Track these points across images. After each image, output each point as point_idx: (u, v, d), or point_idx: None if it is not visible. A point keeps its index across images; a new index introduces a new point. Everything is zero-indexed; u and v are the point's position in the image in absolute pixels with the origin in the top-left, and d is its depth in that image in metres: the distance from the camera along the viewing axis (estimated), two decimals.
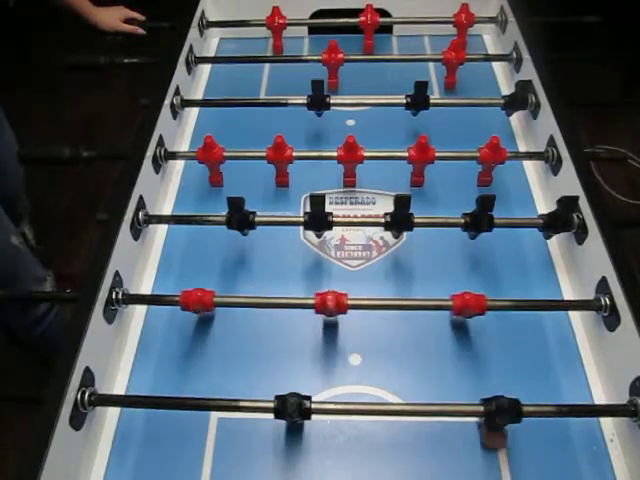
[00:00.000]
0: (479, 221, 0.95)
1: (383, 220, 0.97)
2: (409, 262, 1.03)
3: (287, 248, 1.05)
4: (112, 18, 1.51)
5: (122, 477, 0.79)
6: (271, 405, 0.76)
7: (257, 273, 1.02)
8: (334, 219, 0.97)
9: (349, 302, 0.87)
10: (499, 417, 0.76)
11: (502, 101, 1.22)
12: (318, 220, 0.97)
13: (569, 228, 0.97)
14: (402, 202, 0.94)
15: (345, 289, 0.97)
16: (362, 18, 1.40)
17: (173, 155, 1.15)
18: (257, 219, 0.98)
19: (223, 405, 0.80)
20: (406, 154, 1.09)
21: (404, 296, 0.96)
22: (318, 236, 1.01)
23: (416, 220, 0.96)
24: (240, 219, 0.97)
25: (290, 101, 1.22)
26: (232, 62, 1.43)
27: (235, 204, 0.95)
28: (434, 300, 0.89)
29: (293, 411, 0.76)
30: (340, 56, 1.31)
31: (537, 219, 0.98)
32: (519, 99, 1.20)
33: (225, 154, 1.11)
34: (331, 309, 0.86)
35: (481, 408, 0.77)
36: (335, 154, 1.10)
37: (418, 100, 1.19)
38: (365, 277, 1.01)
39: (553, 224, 0.97)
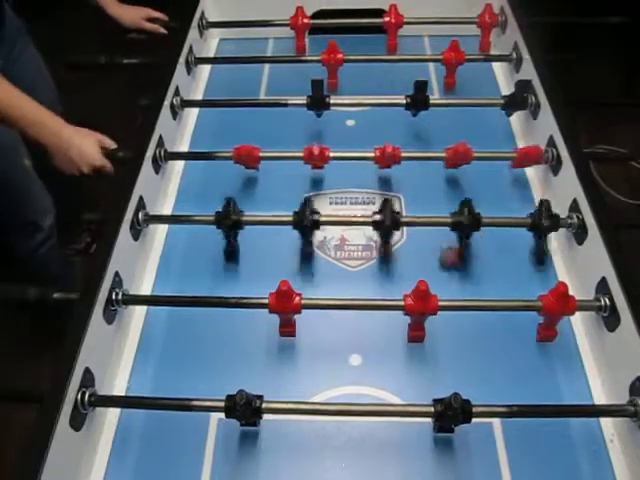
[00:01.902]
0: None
1: (371, 220, 0.97)
2: (409, 262, 1.03)
3: (287, 248, 1.05)
4: (135, 15, 1.49)
5: (122, 477, 0.79)
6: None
7: (257, 273, 1.02)
8: (321, 219, 0.98)
9: (440, 303, 0.86)
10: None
11: (502, 101, 1.22)
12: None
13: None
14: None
15: (345, 289, 0.98)
16: (386, 19, 1.40)
17: (210, 155, 1.15)
18: (258, 219, 0.98)
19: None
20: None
21: (491, 297, 0.92)
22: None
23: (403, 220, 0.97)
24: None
25: (290, 101, 1.22)
26: (232, 62, 1.43)
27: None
28: (524, 301, 0.88)
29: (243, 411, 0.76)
30: (340, 56, 1.31)
31: (526, 219, 0.98)
32: (518, 99, 1.20)
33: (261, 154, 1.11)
34: (424, 312, 0.86)
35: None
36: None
37: (418, 100, 1.19)
38: (365, 277, 1.01)
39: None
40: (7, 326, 1.84)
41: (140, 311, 0.97)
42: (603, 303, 0.86)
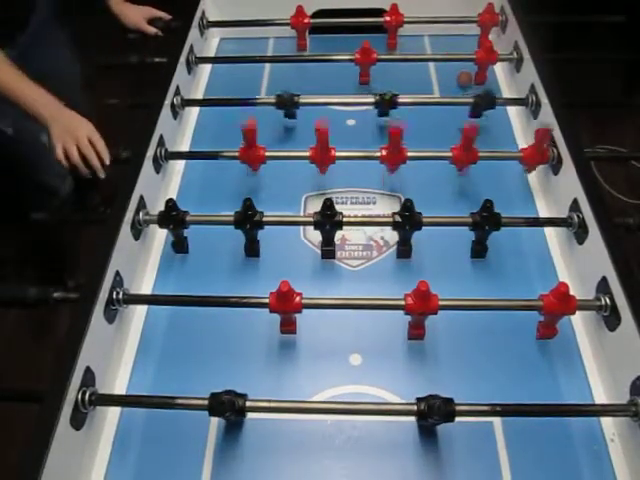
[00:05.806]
0: None
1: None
2: (409, 261, 1.03)
3: (288, 248, 1.05)
4: (138, 16, 1.47)
5: (123, 477, 0.79)
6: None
7: (257, 273, 1.02)
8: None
9: (440, 303, 0.85)
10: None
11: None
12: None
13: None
14: None
15: (345, 289, 0.98)
16: (387, 18, 1.40)
17: (211, 154, 1.15)
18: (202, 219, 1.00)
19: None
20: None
21: (492, 297, 0.91)
22: None
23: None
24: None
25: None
26: (232, 62, 1.43)
27: None
28: (524, 301, 0.88)
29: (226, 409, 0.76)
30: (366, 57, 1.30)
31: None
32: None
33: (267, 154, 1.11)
34: (424, 312, 0.86)
35: None
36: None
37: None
38: (365, 277, 1.01)
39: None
40: (7, 326, 1.84)
41: (140, 311, 0.97)
42: (604, 302, 0.86)
